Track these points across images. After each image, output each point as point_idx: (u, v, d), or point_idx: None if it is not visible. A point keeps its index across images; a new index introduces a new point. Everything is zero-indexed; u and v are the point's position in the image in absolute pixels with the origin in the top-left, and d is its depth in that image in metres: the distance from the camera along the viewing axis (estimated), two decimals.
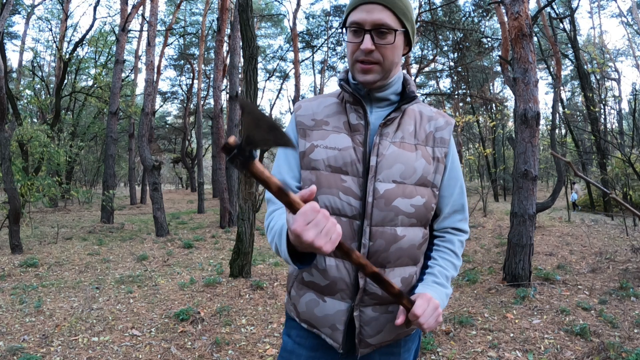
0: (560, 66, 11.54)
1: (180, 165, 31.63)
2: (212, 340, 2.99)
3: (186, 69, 26.21)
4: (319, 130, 0.98)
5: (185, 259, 6.09)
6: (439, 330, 3.07)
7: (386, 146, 0.93)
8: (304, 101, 1.06)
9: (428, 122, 1.00)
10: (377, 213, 0.90)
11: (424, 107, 1.04)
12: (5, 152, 5.89)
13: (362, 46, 0.89)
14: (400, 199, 0.91)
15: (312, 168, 0.95)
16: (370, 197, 0.90)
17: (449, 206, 1.01)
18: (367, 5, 0.90)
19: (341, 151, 0.94)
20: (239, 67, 9.15)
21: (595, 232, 7.79)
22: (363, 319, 0.94)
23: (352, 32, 0.92)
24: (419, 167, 0.94)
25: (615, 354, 2.58)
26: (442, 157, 0.98)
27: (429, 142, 0.98)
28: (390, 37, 0.90)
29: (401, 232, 0.92)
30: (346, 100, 0.99)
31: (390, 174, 0.92)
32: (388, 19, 0.89)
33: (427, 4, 16.01)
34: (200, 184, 13.39)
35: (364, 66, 0.92)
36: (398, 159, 0.93)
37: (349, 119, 0.97)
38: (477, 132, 23.42)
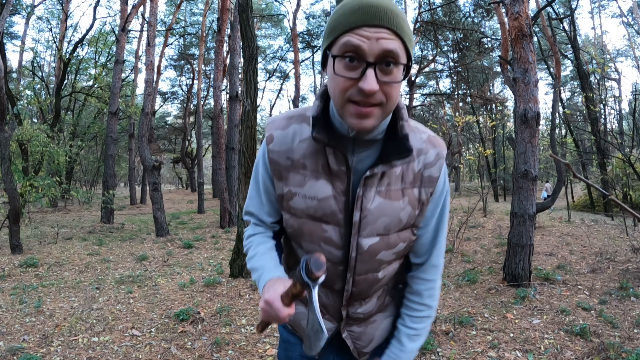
0: (560, 66, 11.54)
1: (180, 165, 31.64)
2: (212, 340, 2.99)
3: (186, 69, 26.22)
4: (295, 174, 0.85)
5: (185, 259, 6.09)
6: (438, 331, 3.07)
7: (370, 199, 0.83)
8: (274, 127, 0.88)
9: (417, 158, 0.85)
10: (361, 265, 0.88)
11: (414, 135, 0.85)
12: (5, 152, 5.89)
13: (365, 86, 0.69)
14: (384, 251, 0.88)
15: (292, 214, 0.89)
16: (354, 252, 0.86)
17: (420, 245, 0.94)
18: (370, 29, 0.69)
19: (321, 201, 0.84)
20: (239, 67, 9.15)
21: (595, 232, 7.79)
22: (353, 336, 0.99)
23: (344, 62, 0.71)
24: (404, 217, 0.86)
25: (615, 354, 2.58)
26: (427, 198, 0.87)
27: (416, 182, 0.86)
28: (397, 72, 0.72)
29: (382, 274, 0.92)
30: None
31: (375, 229, 0.85)
32: (397, 48, 0.70)
33: (427, 4, 16.02)
34: (200, 184, 13.39)
35: (361, 109, 0.72)
36: (384, 212, 0.84)
37: (329, 161, 0.82)
38: (477, 132, 23.43)
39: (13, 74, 18.91)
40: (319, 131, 0.79)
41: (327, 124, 0.82)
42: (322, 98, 0.84)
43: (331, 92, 0.76)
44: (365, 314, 0.97)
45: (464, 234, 7.33)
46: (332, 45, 0.73)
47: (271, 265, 0.89)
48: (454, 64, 18.80)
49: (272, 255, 0.92)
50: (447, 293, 4.20)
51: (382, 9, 0.69)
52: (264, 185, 0.92)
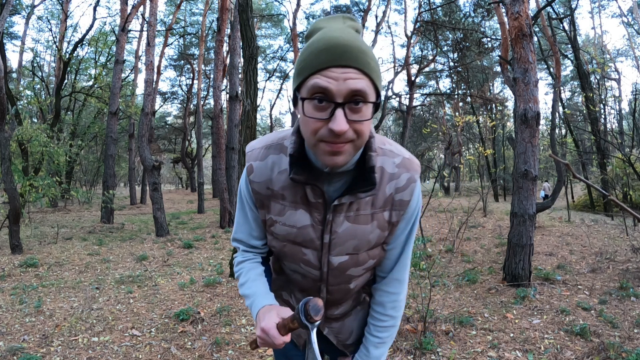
0: (560, 66, 11.54)
1: (180, 165, 31.64)
2: (212, 340, 2.99)
3: (186, 69, 26.22)
4: (275, 203, 0.90)
5: (185, 259, 6.09)
6: (438, 330, 3.07)
7: (339, 223, 0.87)
8: (254, 158, 0.91)
9: (389, 183, 0.87)
10: (333, 279, 0.95)
11: (386, 159, 0.87)
12: (5, 152, 5.89)
13: (335, 127, 0.69)
14: (353, 268, 0.94)
15: (274, 237, 0.94)
16: (325, 268, 0.93)
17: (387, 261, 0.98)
18: (337, 69, 0.69)
19: (300, 229, 0.89)
20: (239, 67, 9.15)
21: (595, 232, 7.79)
22: (334, 331, 1.07)
23: (314, 104, 0.71)
24: (373, 238, 0.90)
25: (615, 354, 2.58)
26: (397, 220, 0.91)
27: (386, 206, 0.89)
28: (366, 110, 0.73)
29: (353, 285, 0.99)
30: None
31: (344, 249, 0.90)
32: (365, 86, 0.71)
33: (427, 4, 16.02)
34: (200, 184, 13.39)
35: (333, 147, 0.72)
36: (352, 235, 0.88)
37: (307, 194, 0.86)
38: (477, 132, 23.43)
39: (13, 74, 18.90)
40: (297, 171, 0.82)
41: (303, 159, 0.85)
42: (298, 133, 0.85)
43: (303, 132, 0.77)
44: (341, 314, 1.07)
45: (464, 234, 7.33)
46: (301, 86, 0.74)
47: (262, 291, 0.95)
48: (454, 64, 18.79)
49: (262, 281, 0.98)
50: (447, 293, 4.20)
51: (348, 49, 0.69)
52: (251, 211, 0.96)
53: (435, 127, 17.64)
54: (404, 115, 20.44)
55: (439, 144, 29.35)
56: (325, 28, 0.75)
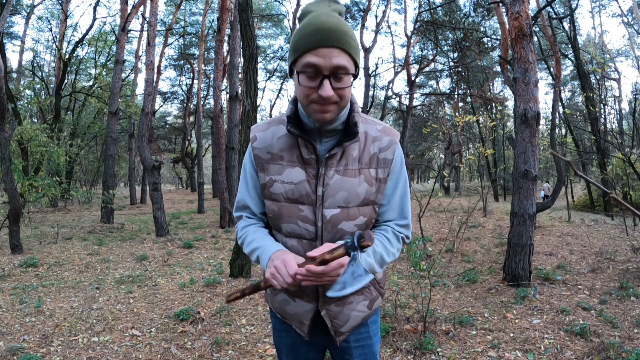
0: (560, 66, 11.53)
1: (180, 165, 31.65)
2: (212, 340, 2.99)
3: (186, 69, 26.21)
4: (275, 165, 1.04)
5: (185, 259, 6.09)
6: (438, 330, 3.07)
7: (330, 176, 1.00)
8: (257, 130, 1.09)
9: (372, 144, 1.04)
10: (326, 235, 1.03)
11: (369, 126, 1.06)
12: (5, 152, 5.89)
13: (323, 93, 0.89)
14: (345, 222, 1.02)
15: (273, 199, 1.05)
16: (320, 222, 1.02)
17: (388, 214, 1.10)
18: (324, 49, 0.88)
19: (297, 185, 1.01)
20: (239, 67, 9.15)
21: (595, 232, 7.79)
22: (330, 315, 1.11)
23: (306, 76, 0.91)
24: (361, 192, 1.02)
25: (615, 354, 2.58)
26: (384, 177, 1.05)
27: (372, 164, 1.04)
28: (347, 79, 0.92)
29: None
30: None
31: (335, 201, 1.01)
32: (346, 62, 0.89)
33: (427, 4, 16.01)
34: (200, 184, 13.39)
35: (322, 107, 0.92)
36: (342, 186, 1.01)
37: (301, 152, 1.02)
38: (477, 132, 23.42)
39: (13, 74, 18.90)
40: (293, 126, 1.00)
41: (298, 122, 1.02)
42: (294, 102, 1.04)
43: (298, 97, 0.96)
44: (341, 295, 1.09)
45: (464, 233, 7.33)
46: (295, 62, 0.93)
47: (272, 243, 1.05)
48: (454, 63, 18.79)
49: (270, 238, 1.08)
50: (447, 293, 4.20)
51: (333, 32, 0.88)
52: (252, 179, 1.10)
53: (435, 127, 17.62)
54: (404, 115, 20.43)
55: (439, 144, 29.36)
56: (314, 12, 0.92)
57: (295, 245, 1.06)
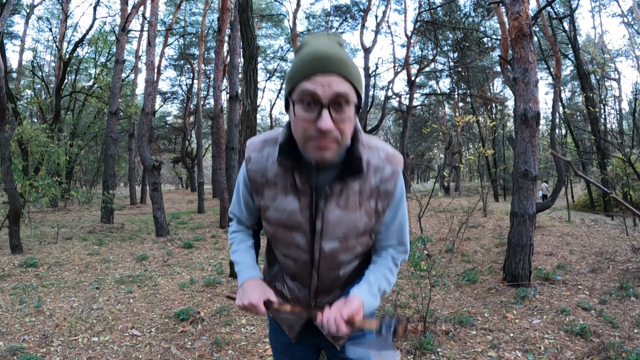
0: (560, 66, 11.54)
1: (180, 165, 31.64)
2: (212, 340, 2.99)
3: (186, 69, 26.21)
4: (269, 190, 1.00)
5: (185, 259, 6.09)
6: (438, 330, 3.07)
7: (331, 210, 0.96)
8: (252, 149, 1.02)
9: (374, 175, 0.97)
10: (324, 265, 1.02)
11: (372, 153, 0.97)
12: (5, 152, 5.89)
13: (322, 125, 0.80)
14: (343, 254, 1.01)
15: (268, 222, 1.03)
16: (317, 254, 1.01)
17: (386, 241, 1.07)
18: (323, 76, 0.80)
19: (289, 214, 0.98)
20: (239, 67, 9.15)
21: (595, 232, 7.79)
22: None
23: (303, 105, 0.82)
24: (361, 225, 0.99)
25: (615, 354, 2.58)
26: (384, 209, 1.00)
27: (373, 195, 0.98)
28: (348, 110, 0.83)
29: (342, 272, 1.06)
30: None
31: (334, 235, 0.98)
32: (347, 90, 0.82)
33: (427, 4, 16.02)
34: (200, 184, 13.39)
35: (320, 143, 0.83)
36: (342, 221, 0.97)
37: (295, 181, 0.96)
38: (477, 132, 23.42)
39: (13, 73, 18.90)
40: (285, 157, 0.93)
41: (293, 149, 0.94)
42: (288, 127, 0.95)
43: (294, 132, 0.88)
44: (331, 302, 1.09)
45: (464, 234, 7.33)
46: (292, 92, 0.85)
47: (250, 264, 1.10)
48: (454, 63, 18.79)
49: (251, 254, 1.13)
50: (447, 293, 4.20)
51: (332, 58, 0.81)
52: (244, 198, 1.09)
53: (435, 127, 17.62)
54: (404, 115, 20.44)
55: (439, 144, 29.36)
56: (312, 42, 0.86)
57: (291, 265, 1.07)
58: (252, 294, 0.99)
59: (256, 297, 0.98)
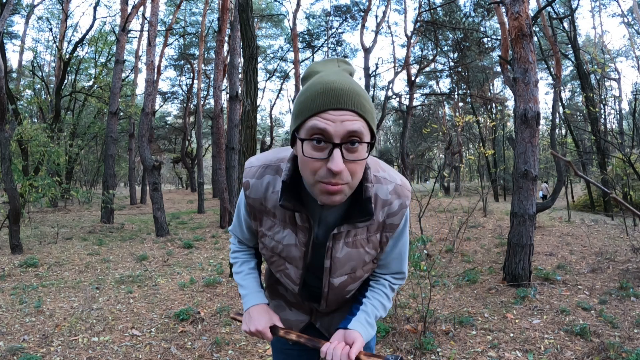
0: (560, 66, 11.54)
1: (180, 165, 31.64)
2: (212, 340, 2.99)
3: (186, 69, 26.21)
4: (267, 219, 0.98)
5: (185, 259, 6.09)
6: (438, 330, 3.07)
7: (339, 249, 0.94)
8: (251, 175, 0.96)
9: (382, 209, 0.93)
10: (332, 295, 1.04)
11: (380, 186, 0.92)
12: (5, 152, 5.89)
13: (333, 167, 0.73)
14: (351, 284, 1.03)
15: (264, 247, 1.03)
16: (326, 289, 1.01)
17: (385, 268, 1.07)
18: (334, 112, 0.73)
19: (285, 247, 0.97)
20: (239, 67, 9.15)
21: (595, 232, 7.79)
22: (323, 326, 1.15)
23: (312, 144, 0.75)
24: (368, 259, 0.99)
25: (615, 354, 2.58)
26: (387, 240, 0.99)
27: (379, 229, 0.96)
28: (362, 150, 0.77)
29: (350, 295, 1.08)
30: None
31: (344, 271, 0.99)
32: (361, 128, 0.75)
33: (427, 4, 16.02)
34: (200, 184, 13.39)
35: (330, 188, 0.77)
36: (351, 258, 0.97)
37: (295, 216, 0.92)
38: (477, 132, 23.41)
39: (13, 73, 18.90)
40: (287, 198, 0.87)
41: (296, 186, 0.90)
42: (293, 160, 0.89)
43: (302, 172, 0.81)
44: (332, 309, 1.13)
45: (464, 234, 7.33)
46: (299, 128, 0.78)
47: (255, 288, 1.09)
48: (454, 63, 18.79)
49: (254, 276, 1.12)
50: (447, 293, 4.20)
51: (345, 92, 0.74)
52: (246, 222, 1.05)
53: (435, 127, 17.63)
54: (404, 115, 20.43)
55: (439, 144, 29.36)
56: (322, 72, 0.80)
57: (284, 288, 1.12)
58: (259, 321, 1.01)
59: (263, 324, 1.00)
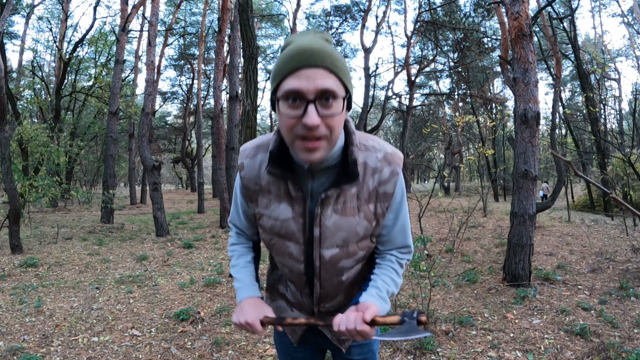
0: (560, 66, 11.54)
1: (180, 165, 31.64)
2: (212, 340, 2.99)
3: (186, 69, 26.22)
4: (263, 197, 0.97)
5: (185, 259, 6.09)
6: (438, 330, 3.07)
7: (328, 216, 0.93)
8: (245, 156, 0.99)
9: (372, 177, 0.93)
10: (325, 273, 1.00)
11: (369, 154, 0.94)
12: (5, 152, 5.89)
13: (307, 121, 0.75)
14: (344, 260, 0.98)
15: (263, 230, 1.01)
16: (317, 262, 0.98)
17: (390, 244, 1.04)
18: (307, 70, 0.76)
19: (282, 222, 0.96)
20: (239, 67, 9.15)
21: (595, 232, 7.79)
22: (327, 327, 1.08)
23: (288, 103, 0.78)
24: (360, 230, 0.96)
25: (615, 354, 2.58)
26: (383, 212, 0.97)
27: (371, 199, 0.95)
28: (336, 105, 0.79)
29: (345, 277, 1.03)
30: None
31: (334, 241, 0.95)
32: (333, 84, 0.77)
33: (427, 4, 16.02)
34: (200, 184, 13.39)
35: (309, 144, 0.79)
36: (340, 227, 0.94)
37: (289, 188, 0.93)
38: (477, 132, 23.42)
39: (13, 73, 18.91)
40: (274, 165, 0.90)
41: (284, 156, 0.92)
42: (279, 133, 0.91)
43: (282, 131, 0.83)
44: (335, 308, 1.09)
45: (464, 234, 7.33)
46: (277, 90, 0.81)
47: (249, 282, 1.08)
48: (454, 63, 18.79)
49: (250, 270, 1.11)
50: (447, 293, 4.20)
51: (316, 51, 0.77)
52: (242, 206, 1.06)
53: (435, 127, 17.62)
54: (404, 115, 20.44)
55: (439, 144, 29.35)
56: (297, 39, 0.83)
57: (288, 274, 1.05)
58: (249, 313, 0.98)
59: (253, 316, 0.97)
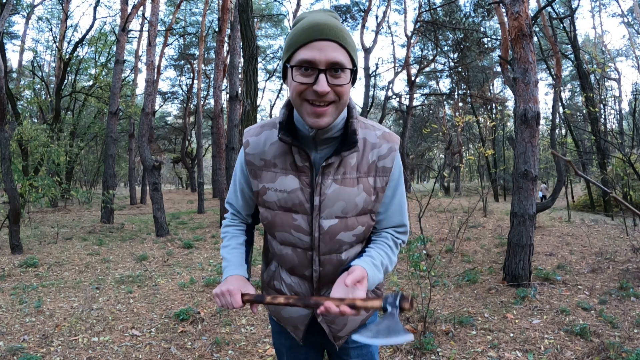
0: (560, 66, 11.54)
1: (180, 165, 31.64)
2: (212, 340, 2.99)
3: (186, 69, 26.21)
4: (268, 172, 1.00)
5: (185, 259, 6.09)
6: (438, 330, 3.07)
7: (328, 185, 0.97)
8: (250, 135, 1.05)
9: (371, 151, 1.00)
10: (324, 246, 1.01)
11: (368, 131, 1.01)
12: (5, 152, 5.89)
13: (318, 88, 0.84)
14: (343, 232, 1.00)
15: (267, 207, 1.03)
16: (317, 233, 0.99)
17: (387, 221, 1.08)
18: (319, 42, 0.84)
19: (290, 193, 0.98)
20: (239, 67, 9.15)
21: (595, 232, 7.79)
22: (327, 321, 1.11)
23: (301, 72, 0.86)
24: (360, 202, 0.99)
25: (615, 354, 2.58)
26: (383, 186, 1.01)
27: (370, 172, 1.00)
28: (345, 76, 0.87)
29: (345, 256, 1.04)
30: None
31: (333, 211, 0.98)
32: (342, 57, 0.86)
33: (427, 4, 16.01)
34: (200, 184, 13.39)
35: (317, 109, 0.87)
36: (339, 196, 0.97)
37: (295, 160, 0.98)
38: (477, 132, 23.41)
39: (13, 73, 18.91)
40: (285, 134, 0.95)
41: (291, 128, 0.98)
42: (287, 107, 0.99)
43: (291, 96, 0.91)
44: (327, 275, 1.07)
45: (464, 234, 7.33)
46: (289, 59, 0.88)
47: (238, 262, 1.08)
48: (454, 64, 18.79)
49: (240, 251, 1.12)
50: (447, 293, 4.20)
51: (328, 26, 0.85)
52: (240, 185, 1.10)
53: (435, 127, 17.64)
54: (404, 115, 20.43)
55: (439, 144, 29.35)
56: (309, 16, 0.90)
57: (290, 253, 1.05)
58: (232, 284, 0.98)
59: (235, 285, 0.98)
